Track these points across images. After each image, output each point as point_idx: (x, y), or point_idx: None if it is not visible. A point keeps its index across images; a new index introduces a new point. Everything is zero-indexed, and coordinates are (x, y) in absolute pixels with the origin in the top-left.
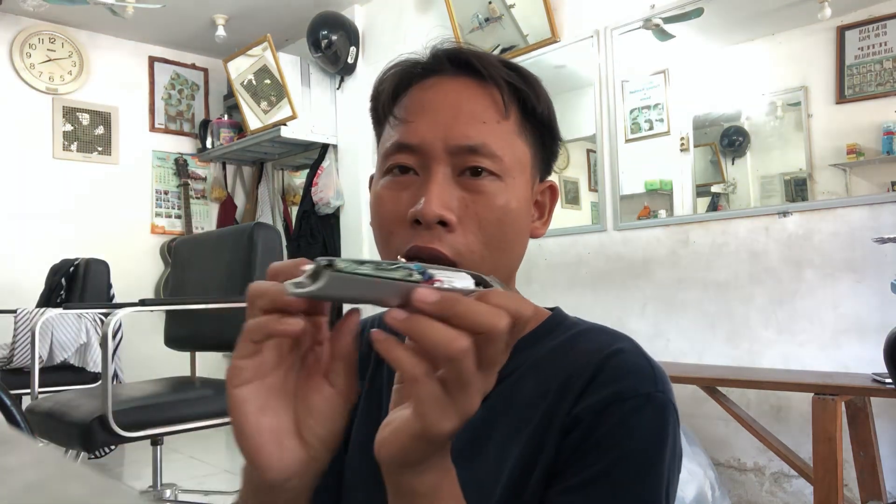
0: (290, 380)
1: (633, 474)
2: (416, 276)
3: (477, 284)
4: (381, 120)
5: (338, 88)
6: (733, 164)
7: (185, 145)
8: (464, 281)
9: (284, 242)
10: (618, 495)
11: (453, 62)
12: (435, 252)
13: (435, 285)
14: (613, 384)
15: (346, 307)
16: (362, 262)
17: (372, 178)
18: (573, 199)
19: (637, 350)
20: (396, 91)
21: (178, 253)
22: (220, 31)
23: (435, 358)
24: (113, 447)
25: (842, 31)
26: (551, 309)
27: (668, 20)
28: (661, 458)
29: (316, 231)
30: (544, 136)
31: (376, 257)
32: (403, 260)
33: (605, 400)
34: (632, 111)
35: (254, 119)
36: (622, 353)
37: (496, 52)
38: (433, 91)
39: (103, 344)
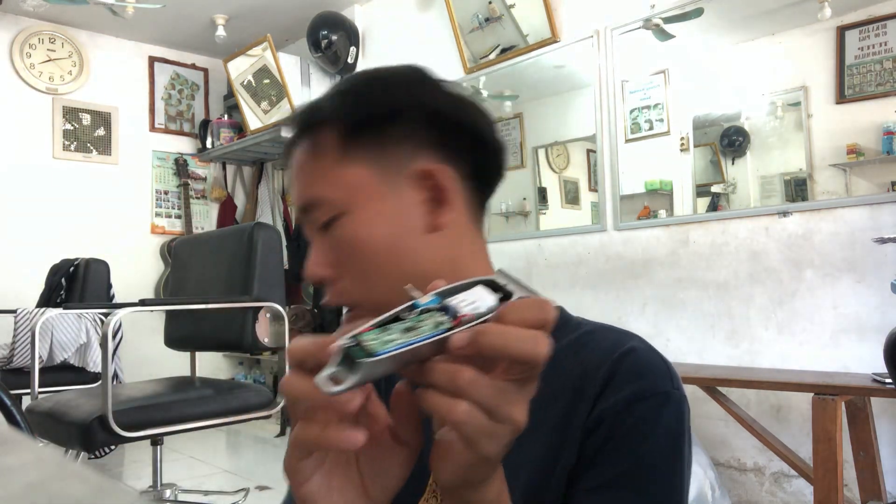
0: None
1: (658, 471)
2: (442, 319)
3: (494, 290)
4: None
5: None
6: (733, 164)
7: (185, 145)
8: (483, 300)
9: (284, 242)
10: (645, 492)
11: (295, 128)
12: (331, 305)
13: (463, 319)
14: (633, 383)
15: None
16: (387, 327)
17: None
18: (573, 199)
19: (649, 348)
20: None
21: (178, 253)
22: (220, 31)
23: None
24: (113, 447)
25: (842, 31)
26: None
27: (668, 20)
28: (681, 453)
29: None
30: (389, 130)
31: None
32: (420, 295)
33: (626, 399)
34: (632, 111)
35: (254, 119)
36: (636, 352)
37: (496, 52)
38: (292, 157)
39: (103, 344)
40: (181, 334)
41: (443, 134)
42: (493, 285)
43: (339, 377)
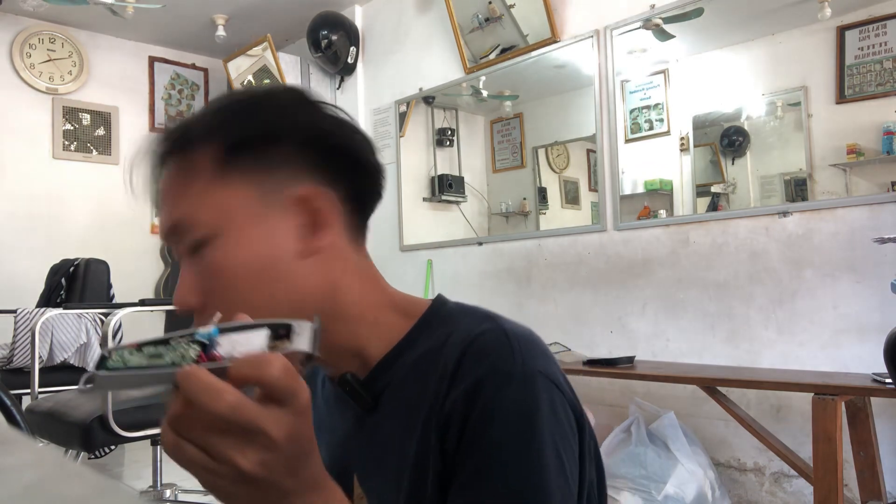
0: None
1: (507, 455)
2: (192, 354)
3: (278, 335)
4: None
5: (338, 88)
6: (733, 164)
7: None
8: (250, 344)
9: None
10: (496, 482)
11: (165, 146)
12: None
13: (213, 357)
14: (474, 371)
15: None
16: (144, 350)
17: None
18: (573, 199)
19: (499, 328)
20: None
21: None
22: (220, 31)
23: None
24: (113, 447)
25: (842, 31)
26: (434, 300)
27: (668, 20)
28: (536, 431)
29: None
30: (269, 152)
31: None
32: (210, 328)
33: (467, 390)
34: (632, 111)
35: None
36: (482, 336)
37: (496, 52)
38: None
39: (103, 344)
40: None
41: (322, 157)
42: (280, 327)
43: (91, 381)
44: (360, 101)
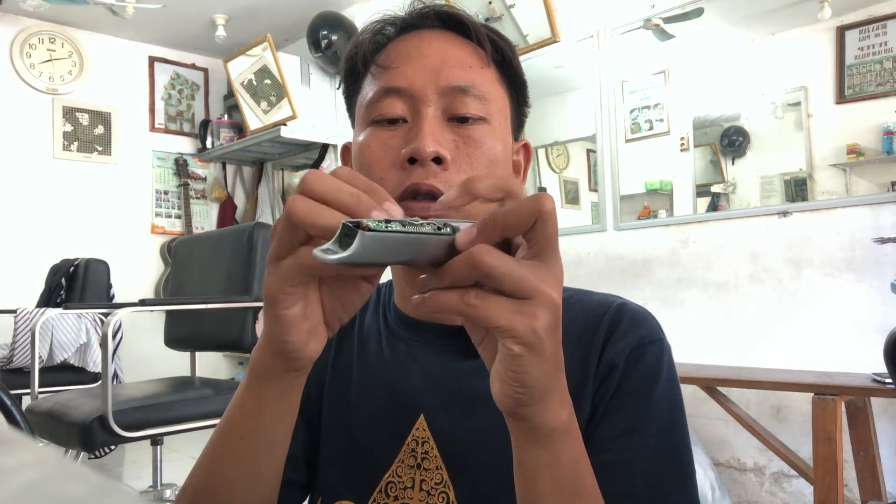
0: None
1: (669, 412)
2: (447, 230)
3: None
4: (360, 75)
5: (338, 88)
6: (733, 164)
7: (185, 145)
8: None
9: None
10: (663, 432)
11: (435, 18)
12: (433, 188)
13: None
14: (635, 330)
15: None
16: (389, 222)
17: (345, 147)
18: (573, 199)
19: (634, 303)
20: (377, 46)
21: (178, 253)
22: (220, 31)
23: (489, 279)
24: (113, 447)
25: (842, 31)
26: None
27: (668, 20)
28: (680, 394)
29: None
30: (518, 94)
31: None
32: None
33: (632, 344)
34: (632, 111)
35: (254, 119)
36: (629, 304)
37: None
38: (417, 40)
39: (103, 344)
40: (181, 334)
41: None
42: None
43: (334, 251)
44: None
